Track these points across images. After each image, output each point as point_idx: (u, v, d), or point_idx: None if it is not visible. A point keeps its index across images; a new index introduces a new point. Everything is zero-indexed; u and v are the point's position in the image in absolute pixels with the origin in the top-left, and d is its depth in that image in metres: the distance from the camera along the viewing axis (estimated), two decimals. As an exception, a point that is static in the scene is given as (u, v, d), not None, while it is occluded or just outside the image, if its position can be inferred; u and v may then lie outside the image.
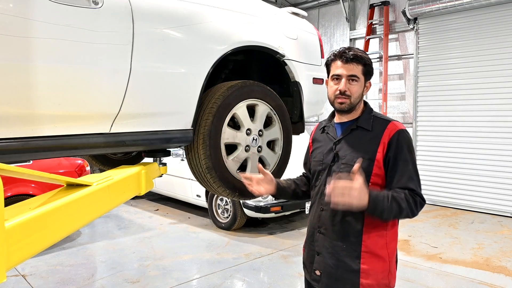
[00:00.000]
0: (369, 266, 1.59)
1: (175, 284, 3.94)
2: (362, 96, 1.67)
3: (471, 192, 6.82)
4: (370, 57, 1.69)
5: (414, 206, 1.56)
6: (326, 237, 1.67)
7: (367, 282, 1.59)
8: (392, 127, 1.61)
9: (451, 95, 7.03)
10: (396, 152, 1.58)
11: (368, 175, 1.59)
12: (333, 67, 1.66)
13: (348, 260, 1.61)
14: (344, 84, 1.62)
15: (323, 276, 1.67)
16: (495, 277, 4.06)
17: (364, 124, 1.66)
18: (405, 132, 1.62)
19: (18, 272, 4.18)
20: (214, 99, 1.97)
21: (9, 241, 1.06)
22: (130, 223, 6.12)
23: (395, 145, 1.58)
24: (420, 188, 1.60)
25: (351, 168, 1.59)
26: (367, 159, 1.59)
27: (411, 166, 1.58)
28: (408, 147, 1.60)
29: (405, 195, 1.55)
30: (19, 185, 4.39)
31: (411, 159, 1.59)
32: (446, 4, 6.81)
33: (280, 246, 4.99)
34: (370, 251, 1.60)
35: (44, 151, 1.49)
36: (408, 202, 1.54)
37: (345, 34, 8.78)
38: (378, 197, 1.52)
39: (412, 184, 1.57)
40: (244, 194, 2.09)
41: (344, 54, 1.63)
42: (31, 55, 1.35)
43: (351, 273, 1.60)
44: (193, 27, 1.86)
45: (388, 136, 1.59)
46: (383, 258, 1.61)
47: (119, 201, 1.68)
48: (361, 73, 1.63)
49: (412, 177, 1.58)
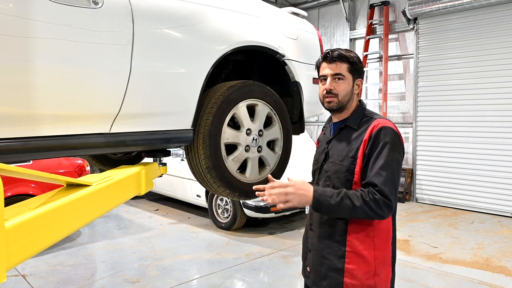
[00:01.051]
0: (354, 266, 1.59)
1: (175, 284, 3.94)
2: (351, 94, 1.67)
3: (471, 192, 6.82)
4: (358, 56, 1.69)
5: (374, 205, 1.49)
6: (315, 235, 1.71)
7: (351, 281, 1.59)
8: (375, 124, 1.60)
9: (451, 95, 7.03)
10: (371, 148, 1.57)
11: (351, 174, 1.61)
12: (321, 69, 1.71)
13: (333, 258, 1.63)
14: (329, 83, 1.66)
15: (311, 272, 1.71)
16: (495, 277, 4.06)
17: (352, 123, 1.68)
18: (387, 129, 1.57)
19: (18, 272, 4.18)
20: (214, 99, 1.97)
21: (9, 241, 1.06)
22: (130, 223, 6.12)
23: (372, 141, 1.57)
24: (389, 185, 1.51)
25: (337, 166, 1.65)
26: (350, 157, 1.62)
27: (383, 162, 1.52)
28: (386, 143, 1.54)
29: (362, 192, 1.51)
30: (19, 185, 4.39)
31: (387, 155, 1.53)
32: (446, 4, 6.81)
33: (280, 246, 4.99)
34: (354, 251, 1.60)
35: (44, 151, 1.48)
36: (364, 200, 1.49)
37: (345, 34, 8.78)
38: (324, 194, 1.54)
39: (378, 179, 1.50)
40: (244, 194, 2.09)
41: (327, 55, 1.67)
42: (31, 55, 1.35)
43: (336, 272, 1.61)
44: (193, 27, 1.86)
45: (369, 133, 1.59)
46: (367, 259, 1.59)
47: (119, 201, 1.68)
48: (346, 71, 1.65)
49: (380, 173, 1.51)
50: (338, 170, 1.63)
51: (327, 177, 1.68)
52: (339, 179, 1.63)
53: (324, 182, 1.69)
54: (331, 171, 1.66)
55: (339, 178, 1.63)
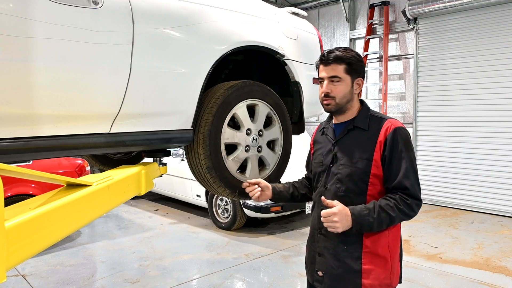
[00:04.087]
0: (371, 266, 1.59)
1: (175, 284, 3.94)
2: (351, 95, 1.66)
3: (471, 192, 6.82)
4: (358, 54, 1.67)
5: (407, 209, 1.54)
6: (327, 238, 1.67)
7: (369, 282, 1.58)
8: (388, 125, 1.60)
9: (451, 95, 7.03)
10: (391, 150, 1.57)
11: (366, 175, 1.59)
12: (319, 71, 1.70)
13: (349, 261, 1.61)
14: (326, 86, 1.65)
15: (326, 277, 1.67)
16: (495, 277, 4.06)
17: (361, 124, 1.66)
18: (402, 129, 1.60)
19: (18, 272, 4.18)
20: (214, 99, 1.97)
21: (9, 241, 1.06)
22: (130, 223, 6.12)
23: (391, 143, 1.57)
24: (417, 186, 1.58)
25: (350, 168, 1.61)
26: (364, 159, 1.59)
27: (407, 164, 1.56)
28: (404, 144, 1.57)
29: (395, 201, 1.54)
30: (19, 185, 4.39)
31: (408, 156, 1.57)
32: (446, 4, 6.81)
33: (280, 246, 4.99)
34: (371, 251, 1.60)
35: (44, 151, 1.48)
36: (398, 208, 1.53)
37: (345, 34, 8.78)
38: (362, 214, 1.53)
39: (407, 182, 1.55)
40: (244, 194, 2.09)
41: (323, 57, 1.66)
42: (31, 55, 1.35)
43: (353, 274, 1.60)
44: (193, 27, 1.86)
45: (384, 135, 1.59)
46: (384, 258, 1.61)
47: (119, 201, 1.68)
48: (343, 72, 1.63)
49: (407, 174, 1.55)
50: (352, 172, 1.61)
51: (337, 179, 1.65)
52: (353, 182, 1.61)
53: (334, 185, 1.66)
54: (343, 174, 1.63)
55: (353, 181, 1.61)
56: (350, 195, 1.62)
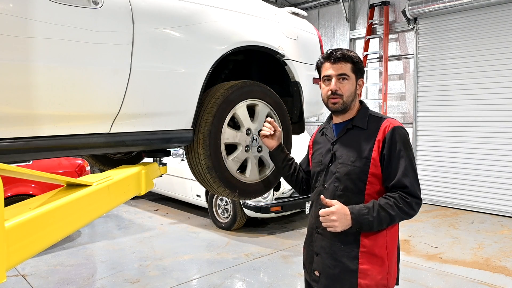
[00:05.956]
0: (367, 266, 1.58)
1: (175, 284, 3.94)
2: (355, 94, 1.67)
3: (471, 192, 6.82)
4: (359, 56, 1.69)
5: (407, 208, 1.54)
6: (324, 237, 1.67)
7: (365, 282, 1.58)
8: (387, 124, 1.61)
9: (451, 95, 7.03)
10: (390, 149, 1.57)
11: (364, 174, 1.59)
12: (323, 69, 1.69)
13: (346, 260, 1.60)
14: (335, 83, 1.64)
15: (322, 276, 1.67)
16: (495, 277, 4.06)
17: (359, 123, 1.66)
18: (400, 129, 1.60)
19: (18, 272, 4.18)
20: (214, 99, 1.97)
21: (9, 241, 1.06)
22: (130, 223, 6.12)
23: (389, 142, 1.57)
24: (416, 184, 1.58)
25: (348, 167, 1.61)
26: (363, 158, 1.59)
27: (406, 163, 1.56)
28: (403, 143, 1.58)
29: (395, 200, 1.54)
30: (19, 185, 4.39)
31: (406, 155, 1.57)
32: (446, 4, 6.81)
33: (280, 246, 4.99)
34: (368, 251, 1.59)
35: (44, 151, 1.48)
36: (398, 207, 1.53)
37: (345, 34, 8.78)
38: (361, 214, 1.52)
39: (406, 180, 1.55)
40: (244, 194, 2.09)
41: (331, 55, 1.65)
42: (31, 55, 1.35)
43: (349, 273, 1.60)
44: (193, 27, 1.86)
45: (383, 134, 1.59)
46: (381, 258, 1.60)
47: (119, 201, 1.68)
48: (350, 71, 1.64)
49: (406, 173, 1.55)
50: (350, 171, 1.61)
51: (335, 178, 1.65)
52: (351, 180, 1.61)
53: (332, 184, 1.66)
54: (341, 173, 1.63)
55: (351, 180, 1.61)
56: (348, 194, 1.62)
